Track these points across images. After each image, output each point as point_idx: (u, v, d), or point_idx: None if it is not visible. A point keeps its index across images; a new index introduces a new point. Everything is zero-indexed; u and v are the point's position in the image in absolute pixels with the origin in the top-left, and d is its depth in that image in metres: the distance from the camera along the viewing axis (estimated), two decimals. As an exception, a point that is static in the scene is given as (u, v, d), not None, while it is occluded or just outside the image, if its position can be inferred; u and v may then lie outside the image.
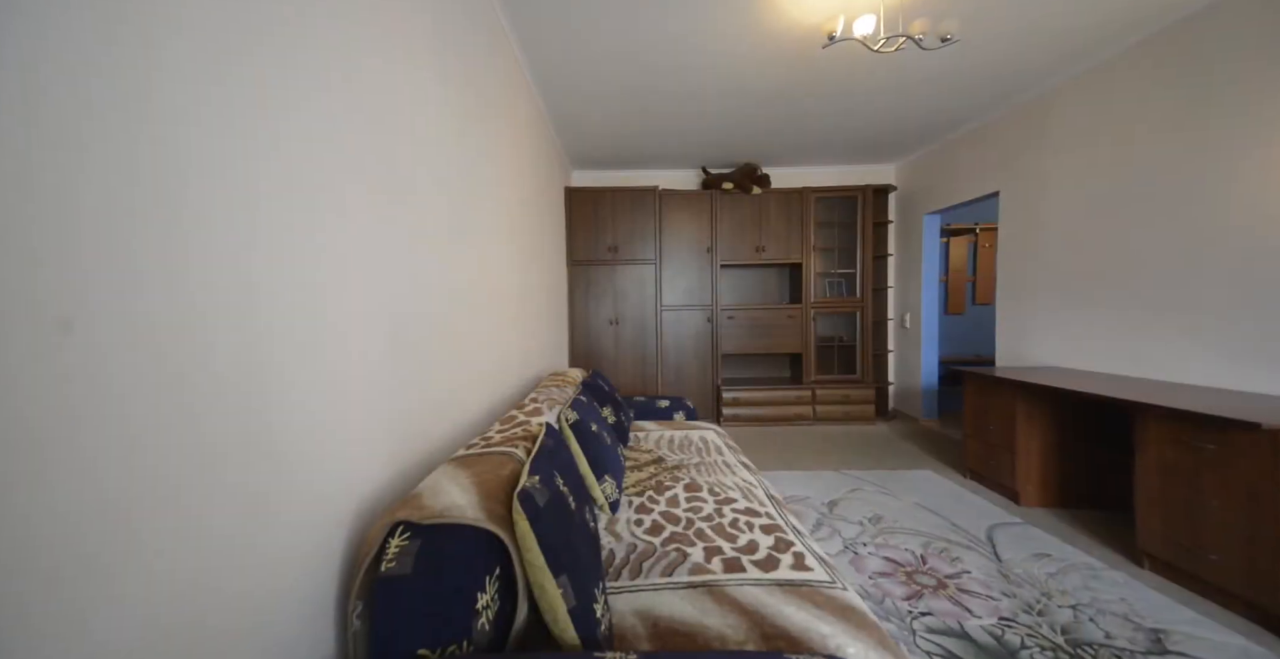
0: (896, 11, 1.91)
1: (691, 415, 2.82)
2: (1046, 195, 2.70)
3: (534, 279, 2.58)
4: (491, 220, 1.78)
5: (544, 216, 2.91)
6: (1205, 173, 1.93)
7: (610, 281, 3.86)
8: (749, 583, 1.07)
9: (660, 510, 1.44)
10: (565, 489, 0.91)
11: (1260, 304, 1.75)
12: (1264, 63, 1.74)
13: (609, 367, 3.86)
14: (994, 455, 2.39)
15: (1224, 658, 1.24)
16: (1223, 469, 1.44)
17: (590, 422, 1.58)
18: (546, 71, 2.43)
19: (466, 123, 1.53)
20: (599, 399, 2.13)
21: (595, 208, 3.81)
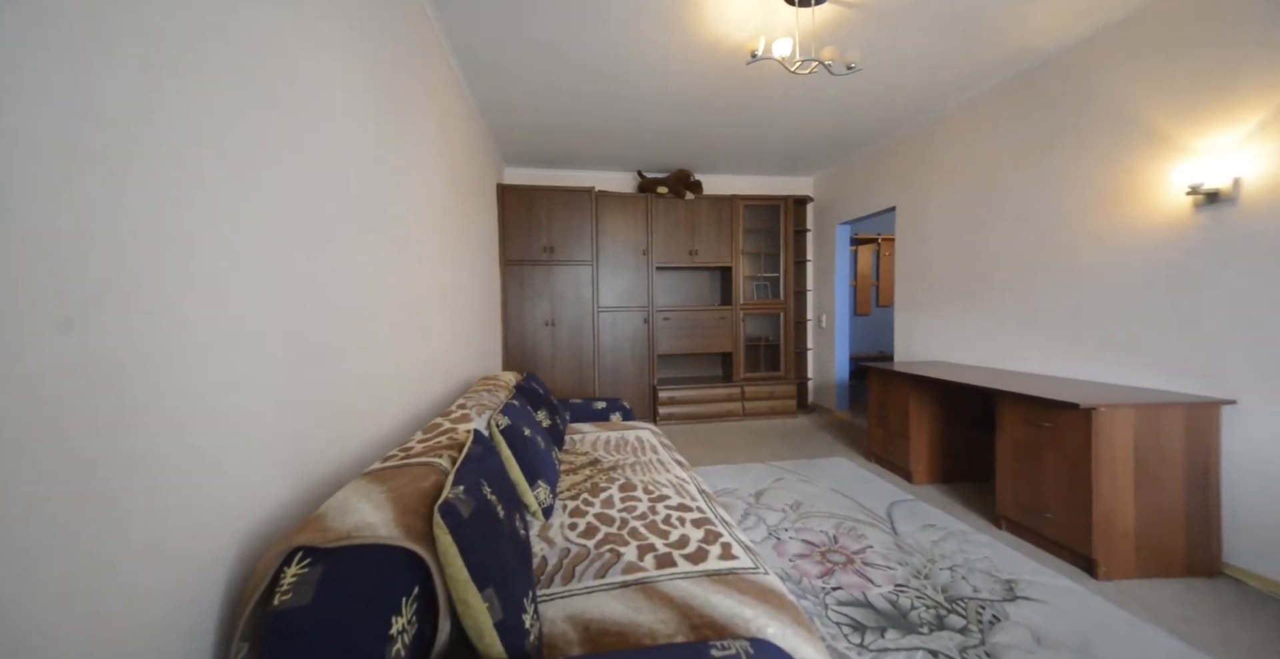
0: (810, 38, 2.09)
1: (628, 416, 2.85)
2: (932, 211, 3.11)
3: (464, 278, 2.45)
4: (414, 214, 1.66)
5: (474, 213, 2.78)
6: (1043, 200, 2.34)
7: (546, 282, 3.78)
8: (680, 577, 1.11)
9: (595, 512, 1.44)
10: (493, 498, 0.88)
11: (1081, 309, 2.16)
12: (1090, 112, 2.15)
13: (545, 369, 3.78)
14: (892, 441, 2.70)
15: (1053, 596, 1.52)
16: (1055, 443, 1.76)
17: (523, 426, 1.54)
18: (473, 63, 2.32)
19: (385, 108, 1.41)
20: (533, 403, 2.08)
21: (530, 207, 3.71)
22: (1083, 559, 1.68)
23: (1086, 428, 1.64)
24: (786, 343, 4.20)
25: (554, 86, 2.61)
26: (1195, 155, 1.75)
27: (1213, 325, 1.70)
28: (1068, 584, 1.58)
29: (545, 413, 2.07)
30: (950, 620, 1.41)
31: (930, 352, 3.13)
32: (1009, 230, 2.55)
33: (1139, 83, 1.93)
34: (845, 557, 1.77)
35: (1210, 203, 1.70)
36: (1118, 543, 1.64)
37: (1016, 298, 2.50)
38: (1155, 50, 1.87)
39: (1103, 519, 1.63)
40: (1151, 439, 1.64)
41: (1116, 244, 2.02)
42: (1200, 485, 1.66)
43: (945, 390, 2.54)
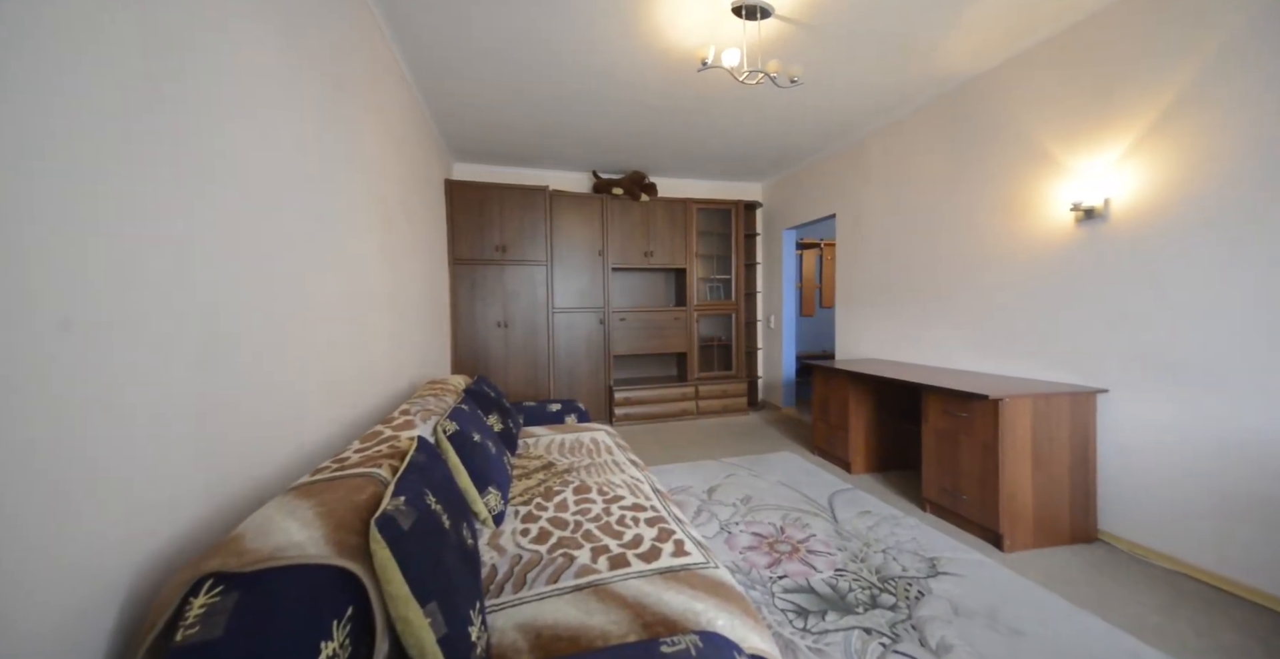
0: (757, 49, 2.19)
1: (583, 418, 2.83)
2: (867, 219, 3.35)
3: (408, 278, 2.32)
4: (352, 209, 1.56)
5: (420, 209, 2.64)
6: (958, 212, 2.60)
7: (499, 282, 3.67)
8: (633, 576, 1.12)
9: (548, 517, 1.42)
10: (438, 507, 0.84)
11: (989, 310, 2.42)
12: (995, 133, 2.41)
13: (498, 371, 3.66)
14: (834, 434, 2.87)
15: (968, 570, 1.69)
16: (969, 431, 1.95)
17: (472, 431, 1.49)
18: (418, 52, 2.21)
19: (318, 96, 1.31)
20: (484, 407, 2.01)
21: (482, 204, 3.59)
22: (992, 535, 1.88)
23: (994, 417, 1.84)
24: (738, 343, 4.35)
25: (504, 84, 2.55)
26: (1076, 176, 2.02)
27: (1090, 324, 1.97)
28: (980, 558, 1.77)
29: (497, 417, 2.01)
30: (882, 599, 1.53)
31: (867, 350, 3.37)
32: (931, 239, 2.80)
33: (1034, 109, 2.19)
34: (791, 546, 1.87)
35: (1088, 218, 1.97)
36: (1019, 518, 1.85)
37: (937, 300, 2.75)
38: (1048, 80, 2.13)
39: (1008, 498, 1.84)
40: (1045, 425, 1.87)
41: (1016, 252, 2.29)
42: (1081, 464, 1.91)
43: (879, 385, 2.74)
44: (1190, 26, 1.65)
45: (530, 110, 2.90)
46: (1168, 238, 1.73)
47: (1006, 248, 2.34)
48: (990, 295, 2.42)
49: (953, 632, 1.37)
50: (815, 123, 3.17)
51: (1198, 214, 1.65)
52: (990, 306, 2.43)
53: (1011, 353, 2.31)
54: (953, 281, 2.65)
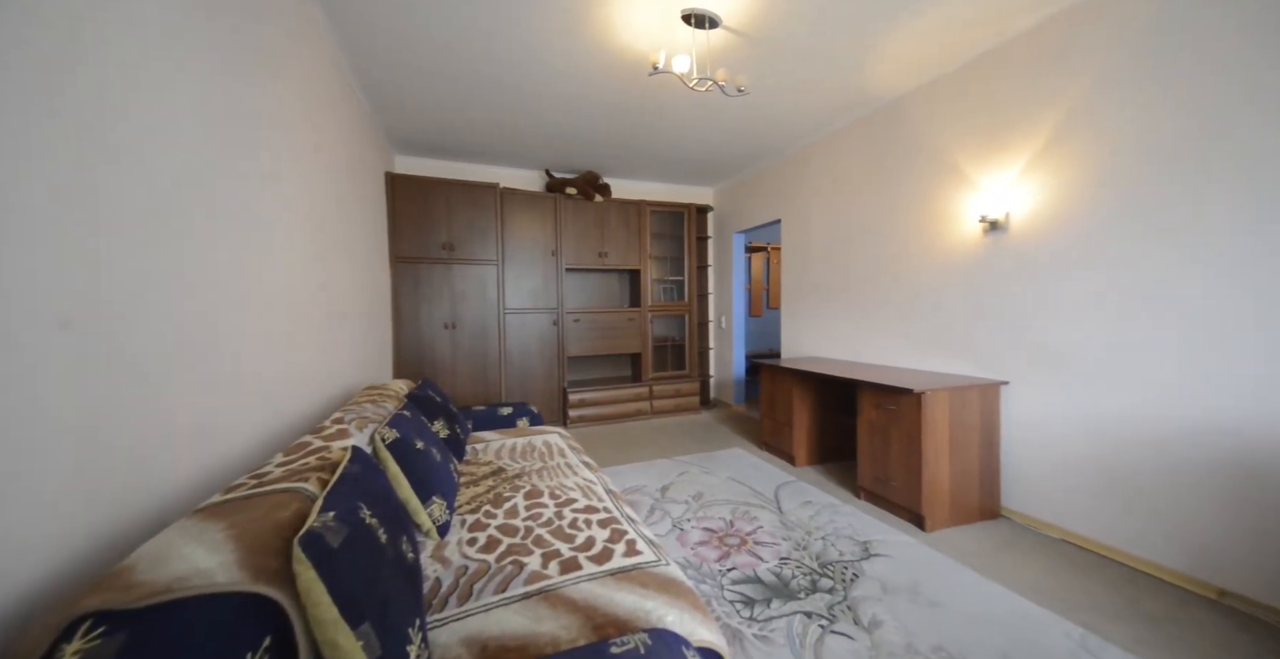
0: (706, 58, 2.26)
1: (536, 421, 2.78)
2: (809, 225, 3.55)
3: (342, 275, 2.16)
4: (275, 199, 1.43)
5: (356, 202, 2.47)
6: (887, 221, 2.83)
7: (446, 282, 3.50)
8: (584, 579, 1.11)
9: (497, 524, 1.39)
10: (373, 521, 0.80)
11: (913, 311, 2.65)
12: (916, 150, 2.64)
13: (445, 375, 3.50)
14: (780, 430, 3.02)
15: (896, 550, 1.85)
16: (898, 423, 2.13)
17: (415, 439, 1.41)
18: (355, 35, 2.07)
19: (234, 67, 1.19)
20: (429, 412, 1.92)
21: (427, 200, 3.41)
22: (916, 517, 2.07)
23: (918, 409, 2.02)
24: (691, 343, 4.45)
25: (447, 76, 2.44)
26: (984, 192, 2.26)
27: (994, 324, 2.22)
28: (906, 539, 1.93)
29: (443, 423, 1.93)
30: (822, 583, 1.63)
31: (810, 349, 3.57)
32: (865, 245, 3.02)
33: (949, 130, 2.43)
34: (740, 539, 1.94)
35: (992, 229, 2.22)
36: (938, 500, 2.04)
37: (871, 301, 2.98)
38: (959, 104, 2.37)
39: (929, 482, 2.02)
40: (959, 415, 2.08)
41: (935, 259, 2.52)
42: (987, 449, 2.15)
43: (820, 382, 2.92)
44: (1061, 73, 1.90)
45: (477, 104, 2.80)
46: (1051, 249, 1.98)
47: (928, 254, 2.57)
48: (914, 297, 2.66)
49: (882, 608, 1.49)
50: (762, 131, 3.32)
51: (1071, 229, 1.90)
52: (914, 308, 2.66)
53: (933, 350, 2.54)
54: (884, 285, 2.88)
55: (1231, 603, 1.52)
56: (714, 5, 1.90)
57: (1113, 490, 1.80)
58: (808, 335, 3.59)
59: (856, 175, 3.06)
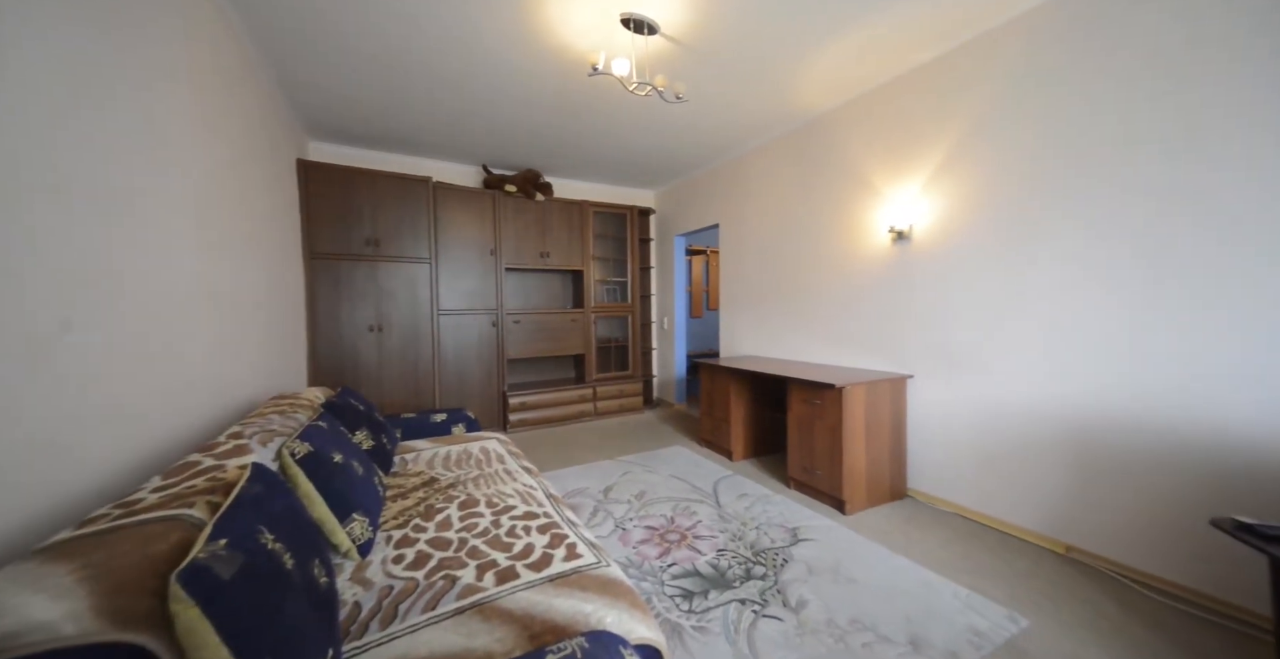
0: (645, 63, 2.29)
1: (473, 427, 2.66)
2: (745, 231, 3.73)
3: (241, 271, 1.92)
4: (141, 175, 1.24)
5: (258, 190, 2.21)
6: (812, 228, 3.05)
7: (372, 281, 3.24)
8: (522, 588, 1.09)
9: (428, 538, 1.31)
10: (277, 546, 0.72)
11: (834, 312, 2.89)
12: (836, 164, 2.87)
13: (370, 381, 3.24)
14: (718, 426, 3.15)
15: (820, 534, 2.00)
16: (822, 416, 2.31)
17: (332, 452, 1.30)
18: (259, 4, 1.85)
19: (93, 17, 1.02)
20: (350, 422, 1.77)
21: (348, 192, 3.13)
22: (838, 502, 2.25)
23: (840, 402, 2.20)
24: (634, 343, 4.49)
25: (367, 57, 2.26)
26: (892, 205, 2.52)
27: (902, 324, 2.48)
28: (829, 523, 2.10)
29: (366, 433, 1.78)
30: (755, 571, 1.72)
31: (746, 348, 3.75)
32: (793, 250, 3.23)
33: (864, 146, 2.68)
34: (680, 535, 2.00)
35: (900, 239, 2.47)
36: (856, 485, 2.24)
37: (800, 304, 3.20)
38: (873, 123, 2.61)
39: (848, 469, 2.21)
40: (874, 407, 2.30)
41: (854, 265, 2.77)
42: (896, 436, 2.40)
43: (755, 380, 3.08)
44: (953, 103, 2.18)
45: (406, 92, 2.63)
46: (946, 258, 2.25)
47: (848, 261, 2.81)
48: (837, 300, 2.89)
49: (808, 589, 1.60)
50: (700, 138, 3.43)
51: (963, 240, 2.18)
52: (836, 309, 2.89)
53: (853, 348, 2.78)
54: (811, 288, 3.10)
55: (1076, 556, 1.82)
56: (652, 12, 1.94)
57: (989, 467, 2.09)
58: (744, 336, 3.77)
59: (787, 185, 3.27)
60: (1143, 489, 1.64)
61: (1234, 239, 1.44)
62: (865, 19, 1.98)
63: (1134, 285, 1.65)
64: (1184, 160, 1.53)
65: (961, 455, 2.21)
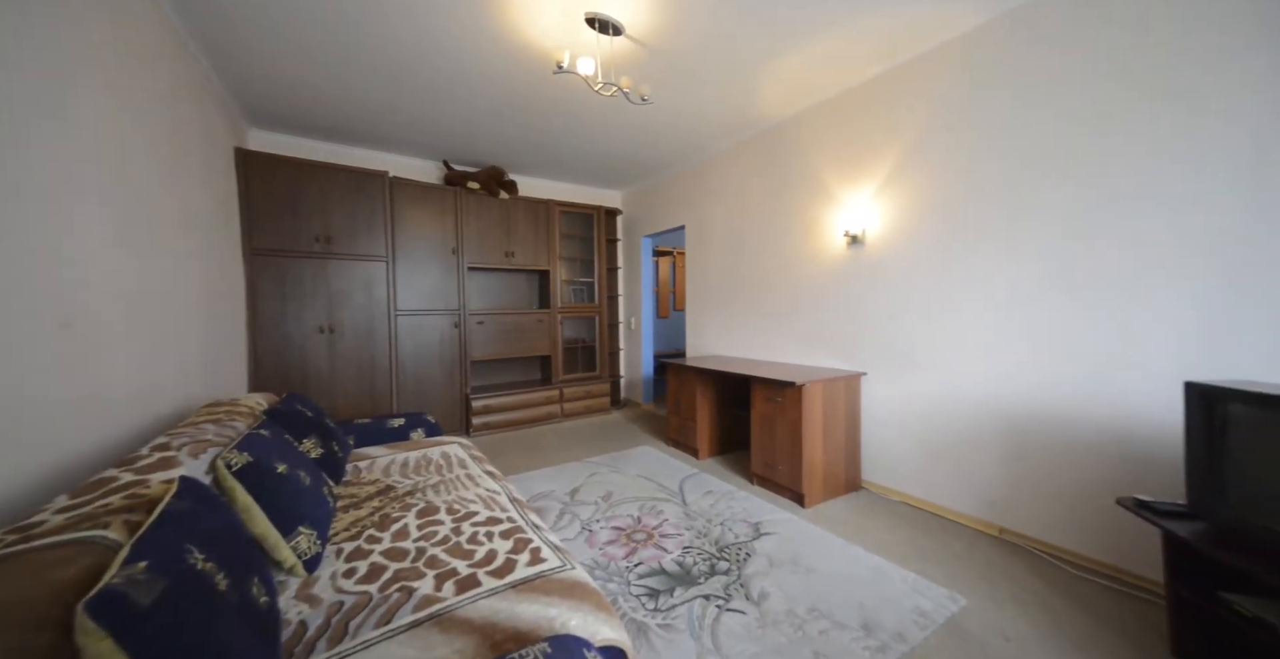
0: (610, 64, 2.29)
1: (434, 431, 2.56)
2: (710, 233, 3.80)
3: (169, 268, 1.77)
4: (43, 161, 1.12)
5: (191, 179, 2.04)
6: (774, 231, 3.15)
7: (322, 280, 3.06)
8: (484, 595, 1.06)
9: (383, 549, 1.26)
10: (209, 566, 0.67)
11: (795, 313, 2.99)
12: (796, 169, 2.98)
13: (321, 386, 3.06)
14: (684, 425, 3.19)
15: (781, 527, 2.07)
16: (783, 413, 2.39)
17: (274, 462, 1.22)
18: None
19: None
20: (296, 430, 1.67)
21: (296, 185, 2.95)
22: (797, 495, 2.34)
23: (799, 399, 2.28)
24: (601, 344, 4.48)
25: (315, 44, 2.14)
26: (847, 210, 2.64)
27: (856, 323, 2.60)
28: (789, 516, 2.17)
29: (315, 440, 1.69)
30: (719, 566, 1.76)
31: (712, 347, 3.82)
32: (756, 252, 3.33)
33: (823, 153, 2.79)
34: (646, 534, 2.01)
35: (854, 243, 2.60)
36: (814, 479, 2.33)
37: (763, 304, 3.29)
38: (830, 132, 2.73)
39: (807, 464, 2.30)
40: (831, 403, 2.40)
41: (813, 267, 2.88)
42: (851, 431, 2.51)
43: (720, 378, 3.14)
44: (902, 114, 2.31)
45: (355, 81, 2.49)
46: (897, 261, 2.39)
47: (807, 263, 2.92)
48: (797, 301, 3.00)
49: (769, 581, 1.65)
50: (666, 140, 3.46)
51: (911, 244, 2.32)
52: (797, 310, 3.00)
53: (812, 347, 2.89)
54: (773, 289, 3.20)
55: (1008, 538, 1.98)
56: (617, 13, 1.94)
57: (933, 457, 2.23)
58: (711, 336, 3.84)
59: (751, 189, 3.35)
60: (1063, 473, 1.80)
61: (1134, 252, 1.61)
62: (820, 33, 2.07)
63: (1055, 290, 1.81)
64: (1091, 182, 1.70)
65: (910, 448, 2.34)
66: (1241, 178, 1.41)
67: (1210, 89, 1.45)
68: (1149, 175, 1.59)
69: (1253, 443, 1.14)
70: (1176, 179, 1.53)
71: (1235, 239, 1.42)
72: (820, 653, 1.31)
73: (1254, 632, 1.12)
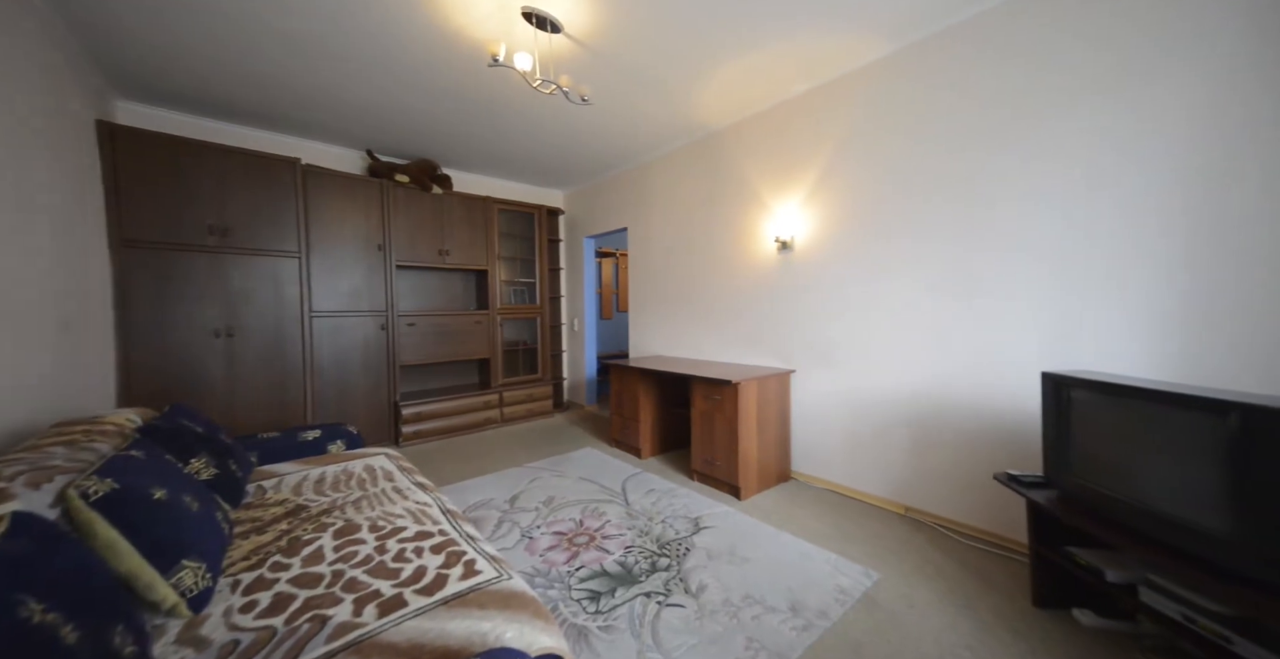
0: (549, 61, 2.25)
1: (355, 443, 2.36)
2: (652, 235, 3.86)
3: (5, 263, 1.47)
4: None
5: (29, 154, 1.71)
6: (713, 236, 3.28)
7: (217, 277, 2.70)
8: (410, 616, 1.00)
9: (292, 576, 1.14)
10: (51, 618, 0.56)
11: (732, 314, 3.13)
12: (731, 177, 3.12)
13: (216, 397, 2.69)
14: (628, 425, 3.21)
15: (718, 521, 2.15)
16: (721, 410, 2.49)
17: (149, 487, 1.06)
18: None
19: None
20: (181, 448, 1.46)
21: (181, 168, 2.57)
22: (734, 489, 2.44)
23: (736, 397, 2.39)
24: (543, 346, 4.38)
25: (204, 3, 1.89)
26: (778, 217, 2.81)
27: (786, 324, 2.78)
28: (726, 509, 2.27)
29: (206, 459, 1.49)
30: (660, 563, 1.79)
31: (655, 348, 3.88)
32: (696, 255, 3.43)
33: (755, 162, 2.95)
34: (589, 537, 1.99)
35: (784, 249, 2.77)
36: (750, 472, 2.45)
37: (702, 305, 3.40)
38: (764, 141, 2.88)
39: (743, 458, 2.41)
40: (765, 399, 2.54)
41: (748, 271, 3.03)
42: (782, 425, 2.68)
43: (662, 378, 3.20)
44: (823, 130, 2.51)
45: (253, 50, 2.23)
46: (821, 266, 2.58)
47: (742, 267, 3.07)
48: (734, 303, 3.14)
49: (707, 574, 1.71)
50: (608, 143, 3.47)
51: (833, 251, 2.51)
52: (734, 311, 3.14)
53: (748, 347, 3.04)
54: (712, 291, 3.32)
55: (913, 515, 2.21)
56: (555, 9, 1.91)
57: (853, 447, 2.44)
58: (653, 336, 3.89)
59: (691, 193, 3.45)
60: (954, 455, 2.05)
61: (1000, 260, 1.88)
62: (750, 50, 2.19)
63: (944, 293, 2.06)
64: (965, 198, 1.96)
65: (833, 439, 2.54)
66: (1077, 202, 1.69)
67: (1053, 130, 1.74)
68: (1007, 194, 1.85)
69: (1087, 421, 1.37)
70: (1028, 199, 1.80)
71: (1072, 251, 1.71)
72: (753, 638, 1.38)
73: (1088, 577, 1.35)
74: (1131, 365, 1.59)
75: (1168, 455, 1.16)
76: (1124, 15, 1.59)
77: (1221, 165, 1.42)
